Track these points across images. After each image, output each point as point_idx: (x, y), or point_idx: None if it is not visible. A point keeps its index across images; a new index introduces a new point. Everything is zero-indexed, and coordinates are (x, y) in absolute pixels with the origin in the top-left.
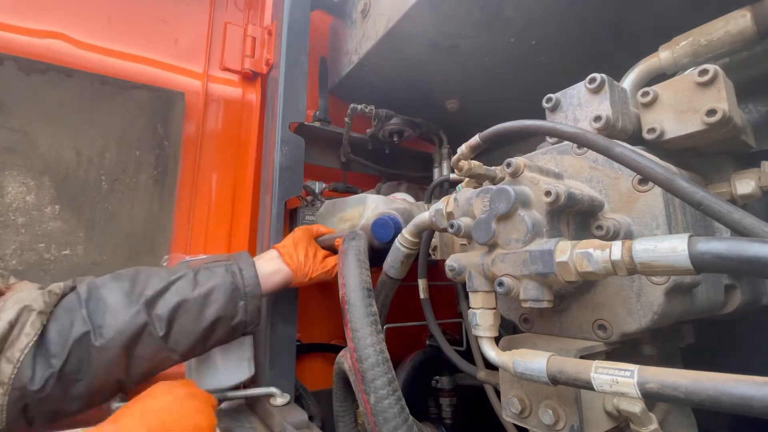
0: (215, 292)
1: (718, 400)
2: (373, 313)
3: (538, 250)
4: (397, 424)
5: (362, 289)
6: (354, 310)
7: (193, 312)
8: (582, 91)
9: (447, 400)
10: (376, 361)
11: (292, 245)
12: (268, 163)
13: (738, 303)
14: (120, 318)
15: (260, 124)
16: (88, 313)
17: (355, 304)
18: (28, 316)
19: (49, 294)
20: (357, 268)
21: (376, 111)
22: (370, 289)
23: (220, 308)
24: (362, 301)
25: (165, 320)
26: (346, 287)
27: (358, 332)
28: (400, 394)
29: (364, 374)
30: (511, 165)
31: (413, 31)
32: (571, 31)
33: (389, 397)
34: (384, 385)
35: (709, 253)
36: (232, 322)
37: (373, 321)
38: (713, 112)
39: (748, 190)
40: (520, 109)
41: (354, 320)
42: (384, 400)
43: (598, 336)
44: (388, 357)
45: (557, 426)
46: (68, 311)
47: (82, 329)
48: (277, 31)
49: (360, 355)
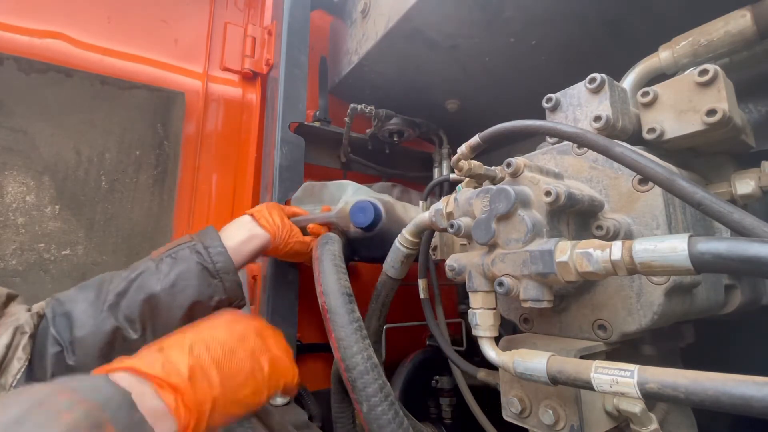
0: (183, 278)
1: (718, 400)
2: (357, 319)
3: (538, 250)
4: (392, 430)
5: (342, 295)
6: (336, 318)
7: (165, 304)
8: (582, 91)
9: (447, 400)
10: (365, 369)
11: (265, 209)
12: (268, 163)
13: (738, 303)
14: (87, 329)
15: (260, 124)
16: (57, 332)
17: (337, 311)
18: (21, 338)
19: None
20: (334, 274)
21: (376, 111)
22: (351, 294)
23: (193, 293)
24: (344, 307)
25: (137, 321)
26: (325, 295)
27: (344, 341)
28: (393, 398)
29: (354, 383)
30: (511, 165)
31: (413, 31)
32: (571, 31)
33: (382, 403)
34: (376, 392)
35: (709, 253)
36: (210, 302)
37: (357, 327)
38: (713, 112)
39: (748, 190)
40: (520, 109)
41: (337, 328)
42: (377, 407)
43: (598, 336)
44: (377, 362)
45: (557, 426)
46: (42, 332)
47: (55, 349)
48: (277, 31)
49: (348, 364)
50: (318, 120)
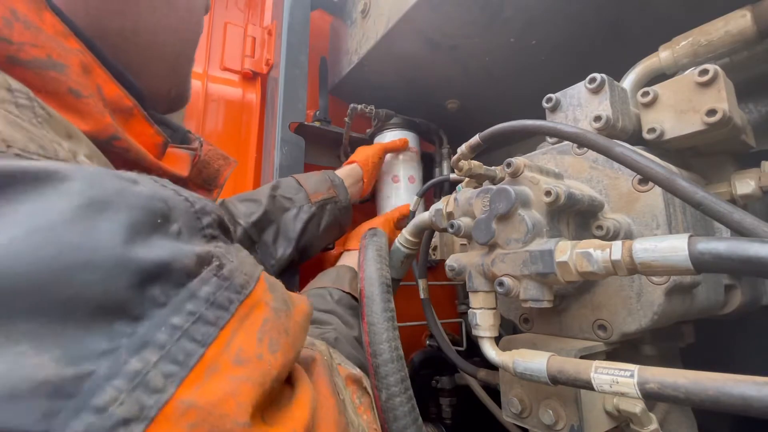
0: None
1: (718, 400)
2: (391, 309)
3: (538, 250)
4: (407, 423)
5: (381, 284)
6: (372, 304)
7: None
8: (582, 91)
9: (447, 400)
10: (390, 358)
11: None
12: (268, 163)
13: (738, 303)
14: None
15: (260, 124)
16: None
17: (374, 298)
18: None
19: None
20: (377, 263)
21: (376, 111)
22: (390, 285)
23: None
24: (381, 296)
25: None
26: (366, 281)
27: (375, 326)
28: (412, 393)
29: (377, 369)
30: (511, 165)
31: (413, 31)
32: (571, 31)
33: (401, 395)
34: (397, 382)
35: (709, 253)
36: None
37: (390, 317)
38: (713, 112)
39: (748, 190)
40: (520, 109)
41: (371, 314)
42: (396, 397)
43: (598, 336)
44: (402, 354)
45: (557, 426)
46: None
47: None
48: (277, 31)
49: (374, 350)
50: (318, 120)
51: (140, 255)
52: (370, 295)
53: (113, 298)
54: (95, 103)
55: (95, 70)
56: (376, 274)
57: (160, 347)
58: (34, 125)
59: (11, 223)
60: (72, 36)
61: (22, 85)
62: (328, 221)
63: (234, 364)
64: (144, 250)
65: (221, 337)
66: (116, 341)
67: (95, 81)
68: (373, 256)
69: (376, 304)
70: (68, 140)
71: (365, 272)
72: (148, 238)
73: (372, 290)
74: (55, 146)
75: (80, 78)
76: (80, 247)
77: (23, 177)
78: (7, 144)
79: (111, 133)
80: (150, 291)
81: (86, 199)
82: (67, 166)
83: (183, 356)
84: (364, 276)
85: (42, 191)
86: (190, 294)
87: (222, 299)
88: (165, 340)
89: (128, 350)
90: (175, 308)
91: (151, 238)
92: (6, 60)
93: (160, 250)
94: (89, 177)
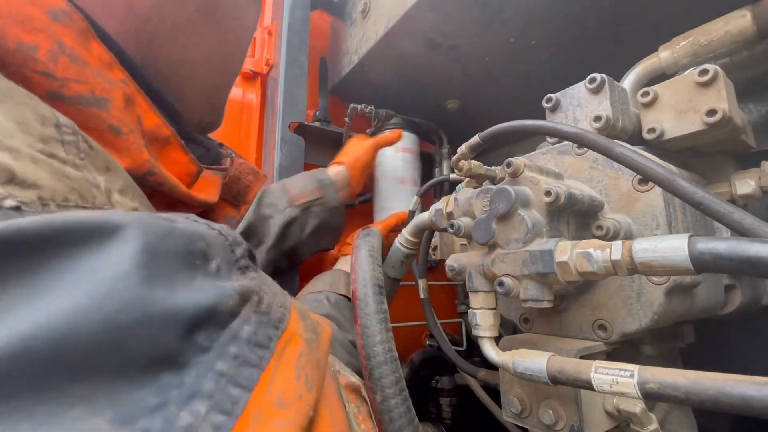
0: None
1: (718, 400)
2: (384, 311)
3: (538, 250)
4: (403, 425)
5: (374, 286)
6: (364, 306)
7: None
8: (582, 91)
9: (447, 400)
10: (384, 360)
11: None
12: (268, 163)
13: (738, 303)
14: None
15: (260, 124)
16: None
17: (366, 300)
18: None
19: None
20: (369, 264)
21: (376, 111)
22: (382, 287)
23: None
24: (374, 297)
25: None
26: (358, 282)
27: (368, 329)
28: (407, 394)
29: (371, 371)
30: (511, 165)
31: (413, 31)
32: (571, 31)
33: (396, 396)
34: (391, 383)
35: (709, 253)
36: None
37: (383, 318)
38: (713, 112)
39: (748, 190)
40: (520, 109)
41: (363, 316)
42: (391, 399)
43: (598, 336)
44: (396, 356)
45: (557, 426)
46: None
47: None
48: (277, 31)
49: (368, 352)
50: (318, 120)
51: (188, 303)
52: (363, 296)
53: (162, 349)
54: (135, 139)
55: (137, 100)
56: (368, 275)
57: (208, 397)
58: (76, 166)
59: (73, 282)
60: (117, 65)
61: (67, 119)
62: (314, 224)
63: (277, 407)
64: (191, 295)
65: (263, 379)
66: (165, 394)
67: (136, 112)
68: (365, 256)
69: (369, 305)
70: (106, 173)
71: (357, 273)
72: (192, 282)
73: (364, 292)
74: (94, 191)
75: (121, 113)
76: (134, 302)
77: (80, 230)
78: (51, 197)
79: (147, 169)
80: (196, 338)
81: (140, 248)
82: (117, 214)
83: (230, 405)
84: (356, 277)
85: (100, 243)
86: (232, 335)
87: (262, 337)
88: (212, 389)
89: (177, 403)
90: (219, 353)
91: (195, 280)
92: (47, 95)
93: (205, 293)
94: (140, 225)
